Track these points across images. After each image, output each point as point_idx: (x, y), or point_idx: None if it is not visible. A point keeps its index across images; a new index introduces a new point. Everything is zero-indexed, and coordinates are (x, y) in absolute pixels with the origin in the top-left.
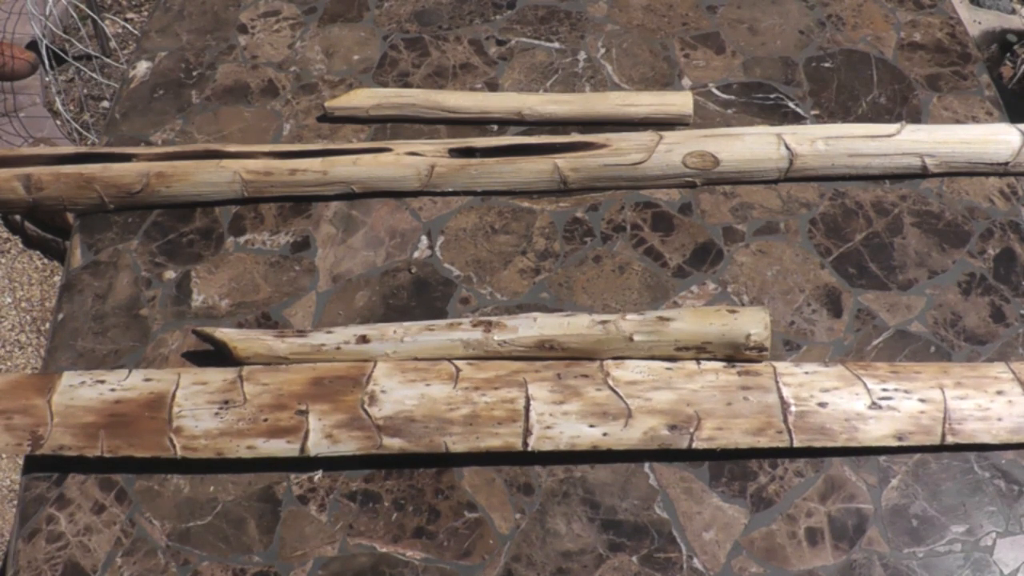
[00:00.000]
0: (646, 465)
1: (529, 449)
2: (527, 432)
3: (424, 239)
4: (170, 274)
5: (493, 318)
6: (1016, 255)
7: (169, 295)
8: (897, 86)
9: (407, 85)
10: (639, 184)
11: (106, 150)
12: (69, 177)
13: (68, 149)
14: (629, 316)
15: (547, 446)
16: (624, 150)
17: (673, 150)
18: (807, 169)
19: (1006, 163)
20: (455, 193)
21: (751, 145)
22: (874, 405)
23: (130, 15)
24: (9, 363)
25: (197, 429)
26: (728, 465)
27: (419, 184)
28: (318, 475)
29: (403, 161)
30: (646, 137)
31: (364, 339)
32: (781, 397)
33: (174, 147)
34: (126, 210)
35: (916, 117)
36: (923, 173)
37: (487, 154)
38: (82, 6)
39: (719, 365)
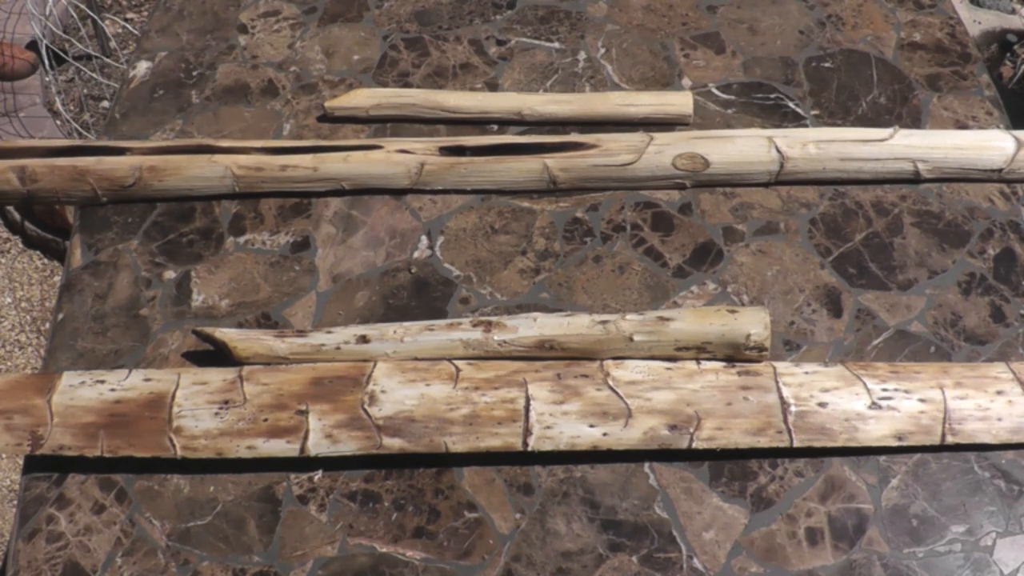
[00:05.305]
0: (646, 465)
1: (529, 449)
2: (527, 432)
3: (424, 239)
4: (170, 274)
5: (493, 318)
6: (1016, 255)
7: (169, 295)
8: (897, 86)
9: (407, 85)
10: (629, 185)
11: (100, 143)
12: (63, 170)
13: (63, 142)
14: (629, 316)
15: (547, 446)
16: (614, 151)
17: (663, 151)
18: (798, 172)
19: (1000, 170)
20: (445, 191)
21: (742, 148)
22: (874, 405)
23: (130, 15)
24: (9, 363)
25: (197, 429)
26: (728, 465)
27: (409, 182)
28: (318, 475)
29: (393, 159)
30: (636, 138)
31: (364, 339)
32: (781, 397)
33: (167, 142)
34: (119, 203)
35: (916, 117)
36: (915, 179)
37: (477, 153)
38: (82, 6)
39: (719, 365)
